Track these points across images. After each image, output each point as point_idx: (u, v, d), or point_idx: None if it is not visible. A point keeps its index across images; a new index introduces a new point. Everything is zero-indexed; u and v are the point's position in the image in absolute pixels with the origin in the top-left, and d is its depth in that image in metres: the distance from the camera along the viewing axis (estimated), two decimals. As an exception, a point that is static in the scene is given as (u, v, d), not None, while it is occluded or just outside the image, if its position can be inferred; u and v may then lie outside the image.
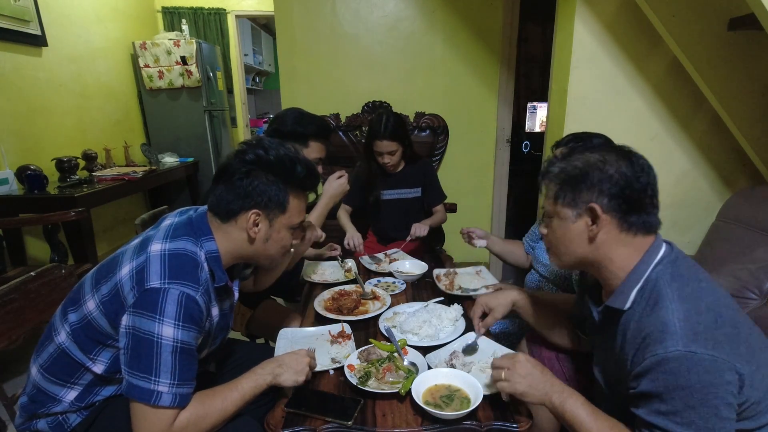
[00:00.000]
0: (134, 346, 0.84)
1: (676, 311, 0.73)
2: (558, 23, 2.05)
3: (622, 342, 0.81)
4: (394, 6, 2.73)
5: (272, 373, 0.96)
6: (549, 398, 0.84)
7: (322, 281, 1.60)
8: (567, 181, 0.83)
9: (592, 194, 0.80)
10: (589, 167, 0.81)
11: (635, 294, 0.80)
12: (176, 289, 0.85)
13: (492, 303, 1.14)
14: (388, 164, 1.98)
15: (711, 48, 1.72)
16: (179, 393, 0.85)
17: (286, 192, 0.97)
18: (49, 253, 2.47)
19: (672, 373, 0.70)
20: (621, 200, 0.79)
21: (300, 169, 0.97)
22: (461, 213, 2.61)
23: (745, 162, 1.98)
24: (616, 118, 1.95)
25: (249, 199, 0.94)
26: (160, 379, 0.83)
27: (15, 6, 2.57)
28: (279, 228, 0.99)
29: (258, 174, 0.94)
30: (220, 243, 0.96)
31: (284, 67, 2.83)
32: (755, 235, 1.63)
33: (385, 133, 1.91)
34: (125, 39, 3.74)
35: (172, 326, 0.83)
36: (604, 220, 0.80)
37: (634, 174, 0.79)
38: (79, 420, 0.95)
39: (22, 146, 2.65)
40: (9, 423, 1.09)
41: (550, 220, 0.89)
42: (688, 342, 0.69)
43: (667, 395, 0.70)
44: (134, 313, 0.84)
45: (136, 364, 0.83)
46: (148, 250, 0.89)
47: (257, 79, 6.33)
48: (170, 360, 0.84)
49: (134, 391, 0.83)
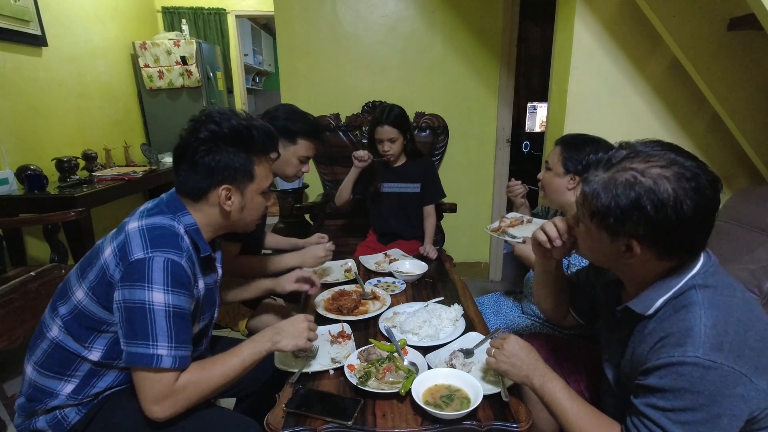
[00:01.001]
0: (128, 317, 0.85)
1: (704, 317, 0.69)
2: (558, 23, 2.06)
3: (638, 341, 0.79)
4: (394, 6, 2.73)
5: (271, 339, 0.98)
6: (530, 380, 0.87)
7: (322, 281, 1.60)
8: (611, 210, 0.72)
9: (635, 229, 0.71)
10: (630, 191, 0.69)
11: (661, 303, 0.75)
12: (160, 255, 0.86)
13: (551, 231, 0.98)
14: (388, 152, 2.00)
15: (711, 48, 1.72)
16: (178, 355, 0.87)
17: (250, 160, 0.97)
18: (49, 253, 2.47)
19: (683, 376, 0.67)
20: (668, 240, 0.71)
21: (257, 135, 0.97)
22: (461, 213, 2.61)
23: (745, 162, 1.98)
24: (616, 118, 1.95)
25: (216, 176, 0.94)
26: (158, 343, 0.85)
27: (15, 6, 2.56)
28: (251, 196, 1.00)
29: (218, 149, 0.93)
30: (196, 218, 0.97)
31: (284, 67, 2.83)
32: (755, 235, 1.63)
33: (387, 119, 1.95)
34: (125, 39, 3.74)
35: (162, 291, 0.85)
36: (642, 253, 0.73)
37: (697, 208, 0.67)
38: (78, 417, 0.95)
39: (22, 146, 2.64)
40: (9, 423, 1.09)
41: (578, 222, 0.84)
42: (709, 350, 0.66)
43: (671, 394, 0.69)
44: (123, 286, 0.85)
45: (132, 334, 0.85)
46: (126, 229, 0.90)
47: (257, 79, 6.33)
48: (165, 324, 0.85)
49: (135, 358, 0.85)
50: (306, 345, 1.00)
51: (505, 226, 1.44)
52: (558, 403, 0.83)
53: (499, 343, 0.93)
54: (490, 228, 1.45)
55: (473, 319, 1.31)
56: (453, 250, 2.59)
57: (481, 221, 3.15)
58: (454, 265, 1.86)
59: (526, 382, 0.88)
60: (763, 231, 1.61)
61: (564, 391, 0.84)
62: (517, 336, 0.94)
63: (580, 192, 0.80)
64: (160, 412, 0.86)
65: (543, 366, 0.89)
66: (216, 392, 0.93)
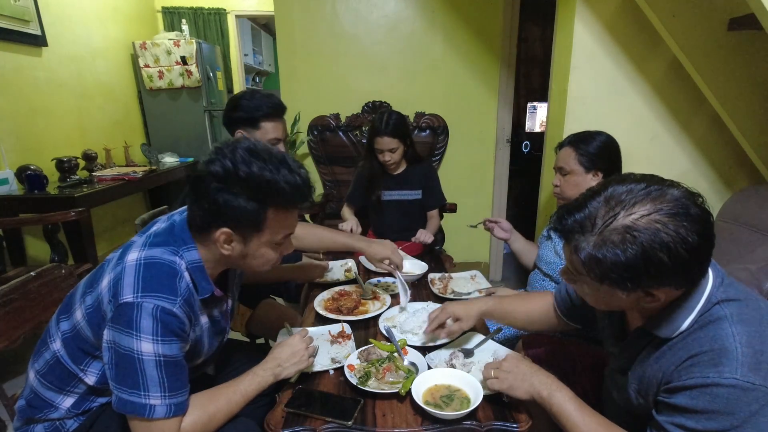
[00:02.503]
0: (117, 361, 0.81)
1: (737, 335, 0.66)
2: (558, 23, 2.06)
3: (654, 356, 0.76)
4: (394, 6, 2.73)
5: (273, 373, 0.96)
6: (537, 392, 0.84)
7: (322, 281, 1.60)
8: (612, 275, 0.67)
9: (652, 282, 0.67)
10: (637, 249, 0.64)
11: (687, 325, 0.71)
12: (149, 302, 0.80)
13: (460, 313, 1.08)
14: (389, 162, 1.98)
15: (711, 48, 1.72)
16: (173, 403, 0.82)
17: (262, 211, 0.84)
18: (49, 253, 2.47)
19: (718, 398, 0.64)
20: (684, 275, 0.67)
21: (283, 186, 0.84)
22: (461, 213, 2.61)
23: (745, 162, 1.98)
24: (616, 118, 1.95)
25: (218, 216, 0.84)
26: (150, 393, 0.80)
27: (15, 6, 2.57)
28: (257, 246, 0.89)
29: (228, 189, 0.82)
30: (202, 253, 0.90)
31: (284, 67, 2.83)
32: (755, 235, 1.63)
33: (386, 129, 1.91)
34: (125, 39, 3.74)
35: (151, 341, 0.79)
36: (665, 294, 0.70)
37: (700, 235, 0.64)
38: (75, 425, 0.94)
39: (22, 146, 2.64)
40: (9, 423, 1.09)
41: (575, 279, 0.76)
42: (747, 371, 0.63)
43: (703, 416, 0.65)
44: (113, 328, 0.81)
45: (122, 380, 0.81)
46: (125, 260, 0.84)
47: (257, 79, 6.32)
48: (156, 374, 0.81)
49: (127, 406, 0.81)
50: (309, 363, 1.00)
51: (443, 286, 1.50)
52: (567, 415, 0.79)
53: (496, 363, 0.91)
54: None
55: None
56: (453, 250, 2.59)
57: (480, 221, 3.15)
58: (454, 265, 1.86)
59: (533, 395, 0.85)
60: (763, 231, 1.61)
61: (573, 401, 0.81)
62: (513, 352, 0.94)
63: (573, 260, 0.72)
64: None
65: (546, 376, 0.86)
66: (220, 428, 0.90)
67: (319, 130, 2.84)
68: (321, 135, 2.84)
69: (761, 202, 1.68)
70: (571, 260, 0.73)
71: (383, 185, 2.08)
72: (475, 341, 1.15)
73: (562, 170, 1.39)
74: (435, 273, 1.62)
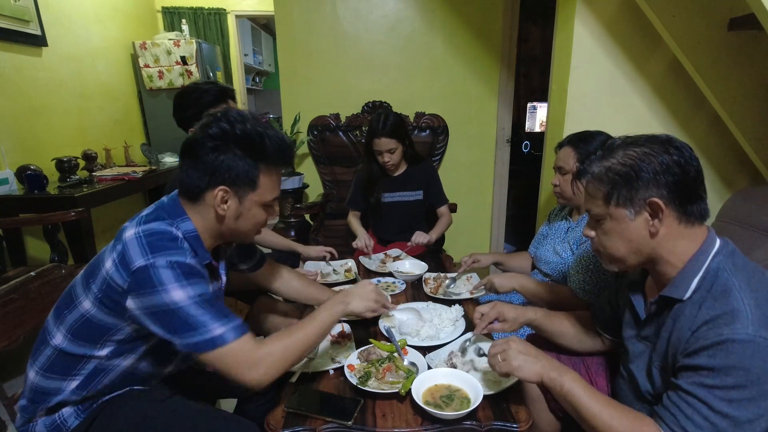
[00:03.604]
0: (162, 320, 0.83)
1: (746, 299, 0.71)
2: (558, 23, 2.06)
3: (672, 329, 0.80)
4: (394, 6, 2.73)
5: (342, 302, 1.01)
6: (546, 372, 0.85)
7: (322, 281, 1.60)
8: (619, 180, 0.79)
9: (649, 189, 0.77)
10: (640, 161, 0.78)
11: (696, 283, 0.78)
12: (162, 259, 0.83)
13: (508, 315, 1.11)
14: (388, 163, 1.97)
15: (711, 48, 1.72)
16: (235, 326, 0.85)
17: (256, 168, 0.92)
18: (49, 253, 2.47)
19: (734, 353, 0.68)
20: (679, 191, 0.77)
21: (270, 144, 0.92)
22: (461, 213, 2.61)
23: (745, 162, 1.98)
24: (616, 118, 1.95)
25: (216, 176, 0.90)
26: (209, 327, 0.83)
27: (15, 6, 2.57)
28: (250, 205, 0.94)
29: (225, 148, 0.89)
30: (196, 223, 0.94)
31: (284, 67, 2.83)
32: (755, 235, 1.63)
33: (384, 130, 1.90)
34: (125, 39, 3.74)
35: (179, 288, 0.83)
36: (666, 212, 0.78)
37: (687, 160, 0.77)
38: (77, 422, 0.94)
39: (22, 146, 2.64)
40: (9, 423, 1.09)
41: (600, 223, 0.85)
42: (759, 327, 0.68)
43: (721, 372, 0.69)
44: (137, 295, 0.83)
45: (177, 330, 0.83)
46: (123, 238, 0.87)
47: (257, 79, 6.33)
48: (201, 311, 0.83)
49: (196, 346, 0.83)
50: (376, 307, 1.04)
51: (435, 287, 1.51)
52: (578, 394, 0.81)
53: (501, 346, 0.91)
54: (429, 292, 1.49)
55: (474, 312, 1.31)
56: (453, 250, 2.59)
57: (481, 221, 3.16)
58: (454, 265, 1.86)
59: (542, 376, 0.85)
60: (763, 231, 1.61)
61: (583, 382, 0.83)
62: (516, 337, 0.94)
63: (589, 189, 0.85)
64: (258, 376, 0.85)
65: (555, 360, 0.88)
66: (302, 356, 0.94)
67: (319, 130, 2.84)
68: (321, 135, 2.84)
69: (761, 202, 1.68)
70: (588, 192, 0.86)
71: (384, 187, 2.07)
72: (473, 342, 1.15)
73: (561, 170, 1.39)
74: (430, 273, 1.62)
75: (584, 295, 1.25)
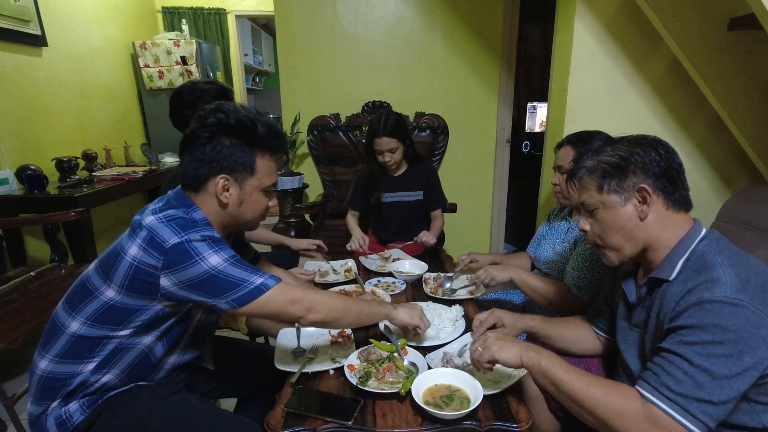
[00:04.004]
0: (206, 288, 0.88)
1: (727, 272, 0.76)
2: (558, 23, 2.06)
3: (660, 308, 0.83)
4: (394, 6, 2.73)
5: (392, 305, 1.12)
6: (525, 352, 0.88)
7: (322, 281, 1.60)
8: (610, 169, 0.87)
9: (637, 176, 0.85)
10: (629, 153, 0.86)
11: (681, 264, 0.83)
12: (195, 233, 0.89)
13: (507, 321, 1.13)
14: (389, 163, 1.97)
15: (711, 48, 1.72)
16: (270, 275, 0.92)
17: (252, 154, 0.96)
18: (49, 253, 2.48)
19: (712, 312, 0.72)
20: (665, 178, 0.84)
21: (262, 129, 0.96)
22: (461, 213, 2.61)
23: (745, 162, 1.98)
24: (616, 118, 1.95)
25: (215, 164, 0.94)
26: (249, 279, 0.90)
27: (15, 6, 2.57)
28: (251, 191, 0.99)
29: (221, 138, 0.94)
30: (205, 211, 0.98)
31: (284, 67, 2.83)
32: (755, 235, 1.63)
33: (385, 129, 1.90)
34: (125, 39, 3.74)
35: (214, 253, 0.88)
36: (653, 198, 0.84)
37: (670, 155, 0.85)
38: (81, 418, 0.95)
39: (22, 146, 2.64)
40: (9, 423, 1.09)
41: (593, 212, 0.91)
42: (736, 291, 0.72)
43: (699, 329, 0.72)
44: (174, 271, 0.87)
45: (221, 291, 0.88)
46: (144, 224, 0.90)
47: (257, 79, 6.33)
48: (239, 269, 0.90)
49: (243, 299, 0.89)
50: (417, 323, 1.11)
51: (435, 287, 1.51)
52: (558, 371, 0.83)
53: (479, 340, 0.96)
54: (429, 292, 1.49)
55: (473, 319, 1.31)
56: (453, 250, 2.59)
57: (481, 221, 3.16)
58: (454, 265, 1.86)
59: (522, 356, 0.88)
60: (763, 231, 1.61)
61: (561, 361, 0.86)
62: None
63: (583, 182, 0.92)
64: (302, 310, 0.94)
65: (532, 345, 0.92)
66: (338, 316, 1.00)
67: (319, 130, 2.84)
68: (321, 135, 2.84)
69: (761, 202, 1.68)
70: (582, 185, 0.93)
71: (384, 187, 2.07)
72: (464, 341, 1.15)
73: (561, 168, 1.39)
74: (430, 273, 1.62)
75: (577, 292, 1.26)
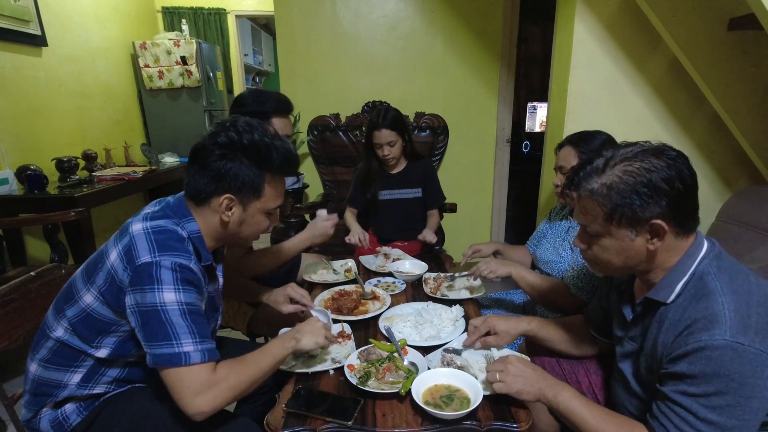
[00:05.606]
0: (144, 321, 0.84)
1: (727, 303, 0.72)
2: (558, 23, 2.06)
3: (657, 332, 0.81)
4: (394, 6, 2.73)
5: (294, 338, 1.00)
6: (543, 393, 0.88)
7: (322, 281, 1.60)
8: (621, 201, 0.77)
9: (652, 209, 0.76)
10: (642, 177, 0.76)
11: (680, 287, 0.79)
12: (167, 259, 0.85)
13: (500, 328, 1.10)
14: (388, 156, 1.98)
15: (711, 48, 1.72)
16: (205, 349, 0.85)
17: (262, 177, 0.94)
18: (49, 253, 2.47)
19: (713, 360, 0.69)
20: (680, 207, 0.77)
21: (276, 156, 0.94)
22: (461, 213, 2.61)
23: (745, 162, 1.98)
24: (616, 118, 1.95)
25: (222, 183, 0.92)
26: (182, 341, 0.83)
27: (15, 6, 2.56)
28: (254, 213, 0.97)
29: (232, 157, 0.91)
30: (200, 224, 0.96)
31: (284, 67, 2.83)
32: (755, 235, 1.63)
33: (384, 122, 1.92)
34: (125, 39, 3.74)
35: (173, 290, 0.84)
36: (669, 229, 0.77)
37: (685, 172, 0.76)
38: (79, 419, 0.95)
39: (22, 146, 2.64)
40: (9, 423, 1.09)
41: (597, 238, 0.83)
42: (736, 333, 0.69)
43: (702, 379, 0.70)
44: (134, 290, 0.85)
45: (153, 337, 0.84)
46: (130, 231, 0.89)
47: (257, 79, 6.32)
48: (183, 322, 0.84)
49: (162, 359, 0.83)
50: (325, 343, 1.03)
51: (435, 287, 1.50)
52: (575, 411, 0.83)
53: (501, 366, 0.92)
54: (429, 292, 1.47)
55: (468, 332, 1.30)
56: (453, 250, 2.59)
57: (481, 221, 3.16)
58: (454, 265, 1.86)
59: (540, 397, 0.88)
60: (763, 231, 1.61)
61: (578, 398, 0.85)
62: (512, 353, 0.96)
63: (586, 205, 0.82)
64: (205, 404, 0.82)
65: (552, 378, 0.90)
66: (254, 385, 0.92)
67: (319, 130, 2.84)
68: (321, 135, 2.84)
69: (761, 202, 1.68)
70: (584, 208, 0.83)
71: (383, 184, 2.08)
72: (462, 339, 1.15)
73: (562, 169, 1.39)
74: (430, 273, 1.62)
75: (576, 291, 1.26)
